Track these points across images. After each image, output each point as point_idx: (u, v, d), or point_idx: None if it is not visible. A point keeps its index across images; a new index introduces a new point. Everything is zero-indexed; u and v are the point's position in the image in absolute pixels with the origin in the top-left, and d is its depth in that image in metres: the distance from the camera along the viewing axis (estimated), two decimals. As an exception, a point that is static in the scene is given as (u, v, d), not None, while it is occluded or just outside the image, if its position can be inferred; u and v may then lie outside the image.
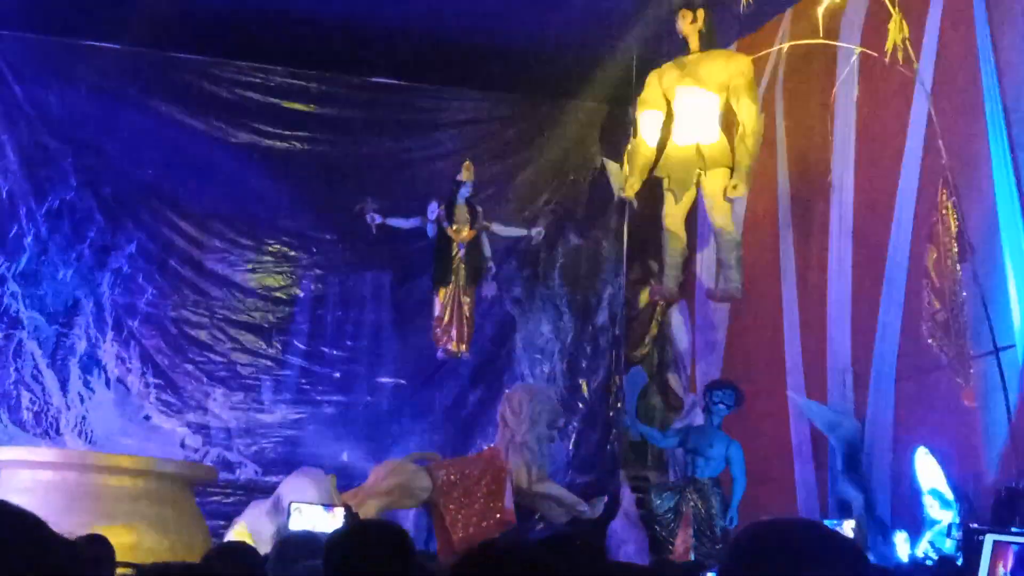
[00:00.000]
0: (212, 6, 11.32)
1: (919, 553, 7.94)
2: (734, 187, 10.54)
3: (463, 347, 11.83)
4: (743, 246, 10.78)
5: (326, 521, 8.24)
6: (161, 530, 9.12)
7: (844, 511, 8.97)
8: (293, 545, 4.18)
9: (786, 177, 11.00)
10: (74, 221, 11.89)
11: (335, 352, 12.46)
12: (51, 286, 11.79)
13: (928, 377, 8.37)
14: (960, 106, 8.38)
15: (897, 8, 8.61)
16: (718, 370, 11.43)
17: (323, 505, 8.83)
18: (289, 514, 8.56)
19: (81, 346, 11.82)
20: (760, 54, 10.79)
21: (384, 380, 12.47)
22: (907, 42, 8.56)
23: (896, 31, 8.47)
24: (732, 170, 10.56)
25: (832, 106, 10.03)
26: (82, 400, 11.75)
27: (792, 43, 10.53)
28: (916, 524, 8.14)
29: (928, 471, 8.05)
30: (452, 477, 10.79)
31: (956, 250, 7.80)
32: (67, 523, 8.13)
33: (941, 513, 7.88)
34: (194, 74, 12.38)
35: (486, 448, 11.41)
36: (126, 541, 8.17)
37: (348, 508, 8.80)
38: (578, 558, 3.06)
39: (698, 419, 10.76)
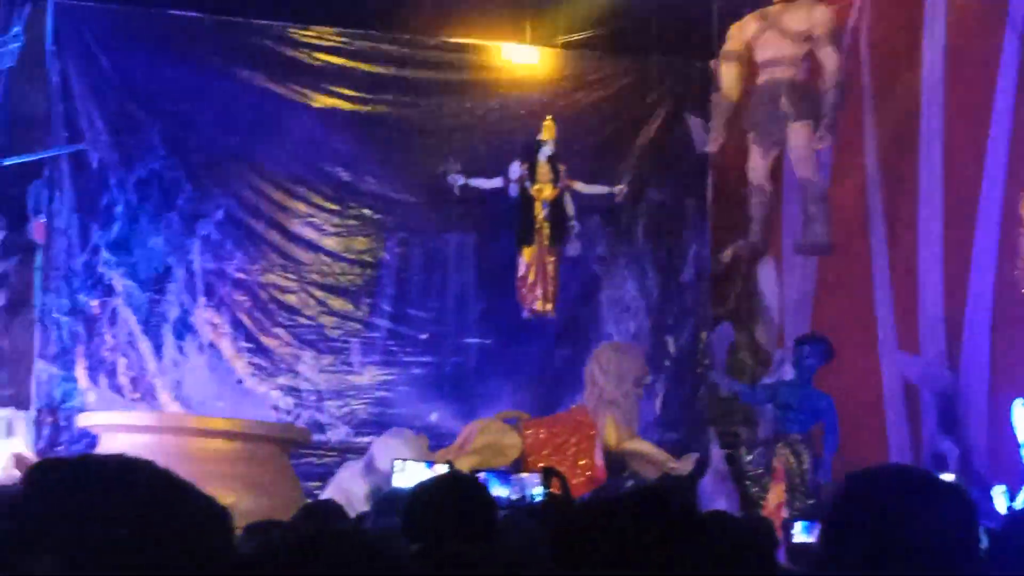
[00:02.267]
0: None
1: (1018, 506, 7.83)
2: (820, 138, 10.40)
3: (548, 306, 11.83)
4: (830, 197, 10.64)
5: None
6: (258, 492, 9.27)
7: (939, 465, 8.86)
8: (392, 502, 4.22)
9: (873, 126, 10.81)
10: (163, 189, 12.05)
11: (421, 314, 12.54)
12: (142, 253, 11.98)
13: (1024, 327, 8.22)
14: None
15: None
16: (807, 324, 11.30)
17: (425, 462, 8.86)
18: (392, 471, 8.59)
19: (174, 312, 12.01)
20: (844, 2, 10.60)
21: (470, 341, 12.53)
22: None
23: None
24: (817, 121, 10.42)
25: (919, 52, 9.85)
26: (176, 365, 11.95)
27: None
28: (1014, 477, 8.02)
29: (1026, 423, 7.92)
30: (541, 436, 10.84)
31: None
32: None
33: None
34: (275, 40, 12.45)
35: (574, 406, 11.43)
36: (223, 504, 8.33)
37: (451, 465, 8.84)
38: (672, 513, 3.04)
39: (788, 374, 10.66)
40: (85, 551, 1.20)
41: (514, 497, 7.43)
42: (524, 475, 8.55)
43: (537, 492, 7.48)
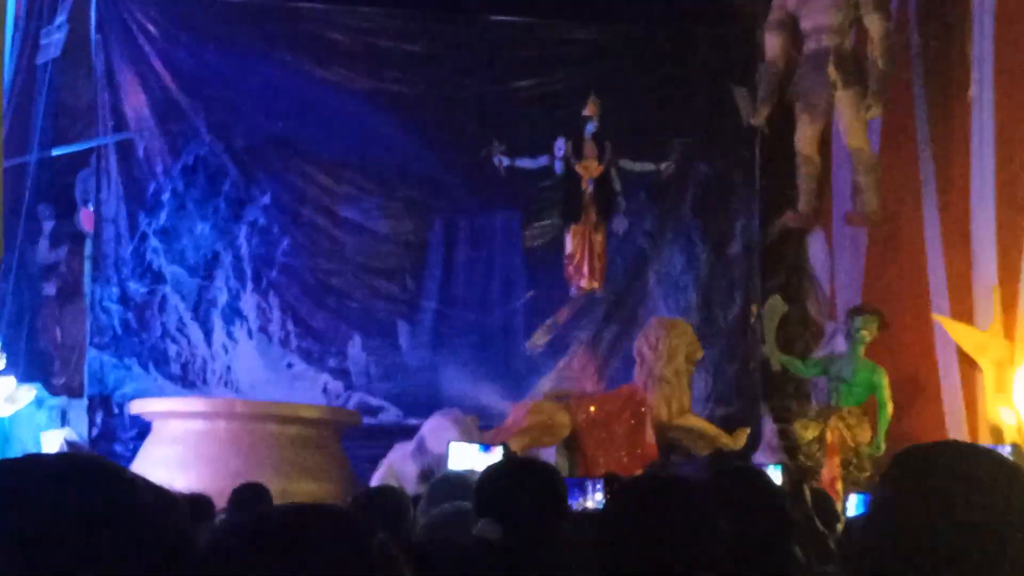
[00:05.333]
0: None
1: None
2: (868, 107, 10.25)
3: (596, 283, 11.79)
4: (880, 167, 10.49)
5: (484, 461, 8.23)
6: (310, 475, 9.32)
7: (996, 437, 8.72)
8: (447, 485, 4.19)
9: (923, 94, 10.62)
10: (209, 175, 12.11)
11: (469, 294, 12.52)
12: (190, 240, 12.06)
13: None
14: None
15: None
16: (859, 295, 11.15)
17: (480, 445, 8.83)
18: (444, 452, 8.56)
19: (222, 298, 12.09)
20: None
21: (518, 320, 12.50)
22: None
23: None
24: (865, 88, 10.26)
25: (969, 16, 9.67)
26: (226, 351, 12.03)
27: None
28: (1074, 447, 7.87)
29: (1086, 391, 7.77)
30: (592, 414, 10.79)
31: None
32: (218, 472, 8.38)
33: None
34: (316, 22, 12.44)
35: (625, 384, 11.37)
36: (277, 487, 8.36)
37: (507, 447, 8.80)
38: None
39: (840, 346, 10.54)
40: (31, 547, 1.19)
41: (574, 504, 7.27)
42: (587, 480, 8.46)
43: (599, 499, 7.35)
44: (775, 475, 9.16)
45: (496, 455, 8.54)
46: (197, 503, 4.83)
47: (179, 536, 1.28)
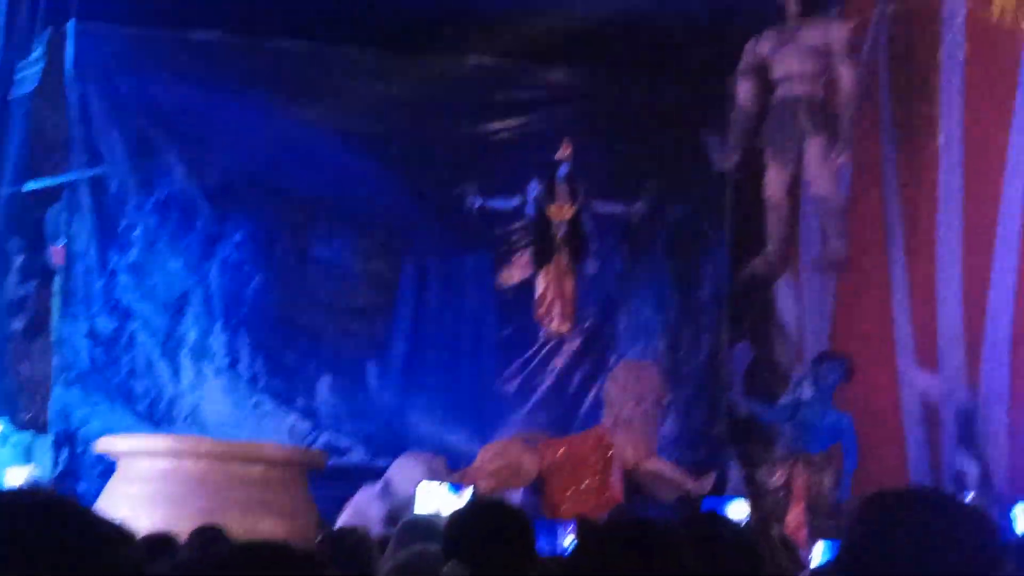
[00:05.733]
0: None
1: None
2: (837, 153, 10.36)
3: (566, 325, 11.82)
4: (848, 213, 10.59)
5: (453, 502, 8.22)
6: (276, 515, 9.25)
7: (959, 483, 8.78)
8: (416, 528, 4.20)
9: (891, 141, 10.75)
10: (181, 212, 12.11)
11: (438, 334, 12.53)
12: (161, 277, 12.03)
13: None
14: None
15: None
16: (826, 341, 11.23)
17: (452, 485, 8.81)
18: (411, 494, 8.54)
19: (192, 335, 12.05)
20: (861, 18, 10.57)
21: (488, 360, 12.51)
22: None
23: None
24: (835, 136, 10.38)
25: (937, 68, 9.80)
26: (194, 388, 11.98)
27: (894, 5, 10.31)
28: (1036, 495, 7.93)
29: (1048, 440, 7.84)
30: (559, 456, 10.80)
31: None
32: (184, 511, 8.32)
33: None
34: (292, 60, 12.48)
35: (592, 427, 11.39)
36: (242, 527, 8.31)
37: (476, 488, 8.80)
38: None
39: (807, 393, 10.60)
40: None
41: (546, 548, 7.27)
42: (556, 523, 8.46)
43: (570, 543, 7.35)
44: (741, 507, 9.22)
45: (465, 496, 8.54)
46: (158, 541, 4.81)
47: (135, 572, 1.30)
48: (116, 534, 1.29)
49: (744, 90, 11.06)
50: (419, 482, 9.09)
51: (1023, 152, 8.76)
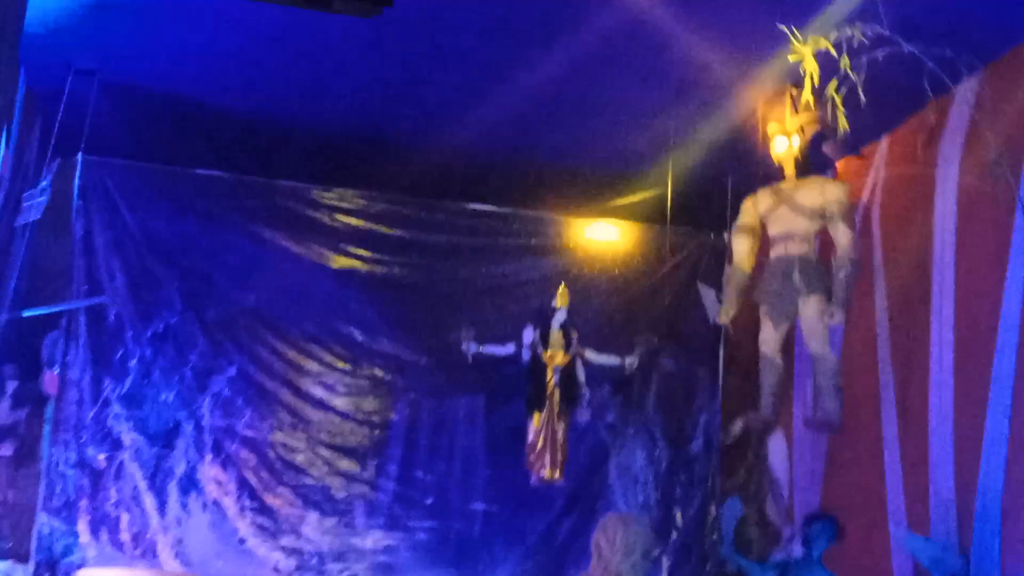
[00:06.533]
0: (314, 133, 11.66)
1: None
2: (831, 314, 10.43)
3: (557, 473, 11.77)
4: (841, 373, 10.63)
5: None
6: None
7: (950, 653, 8.66)
8: None
9: (884, 303, 10.85)
10: (178, 344, 12.16)
11: (428, 477, 12.48)
12: (153, 408, 12.03)
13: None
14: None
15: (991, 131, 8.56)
16: (817, 501, 11.18)
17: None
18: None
19: (180, 468, 12.00)
20: (855, 183, 10.76)
21: (477, 506, 12.44)
22: (1007, 168, 8.50)
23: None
24: (829, 296, 10.47)
25: (931, 231, 9.94)
26: (179, 522, 11.88)
27: (888, 168, 10.51)
28: (1026, 668, 7.83)
29: (1038, 613, 7.75)
30: (546, 607, 10.65)
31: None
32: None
33: (1052, 658, 7.57)
34: (297, 200, 12.68)
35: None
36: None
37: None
38: None
39: (797, 551, 10.51)
40: None
41: None
42: None
43: None
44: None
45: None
46: None
47: None
48: None
49: (740, 247, 11.19)
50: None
51: (1014, 317, 8.84)
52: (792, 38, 8.59)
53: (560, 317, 11.95)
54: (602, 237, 13.11)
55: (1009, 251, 8.86)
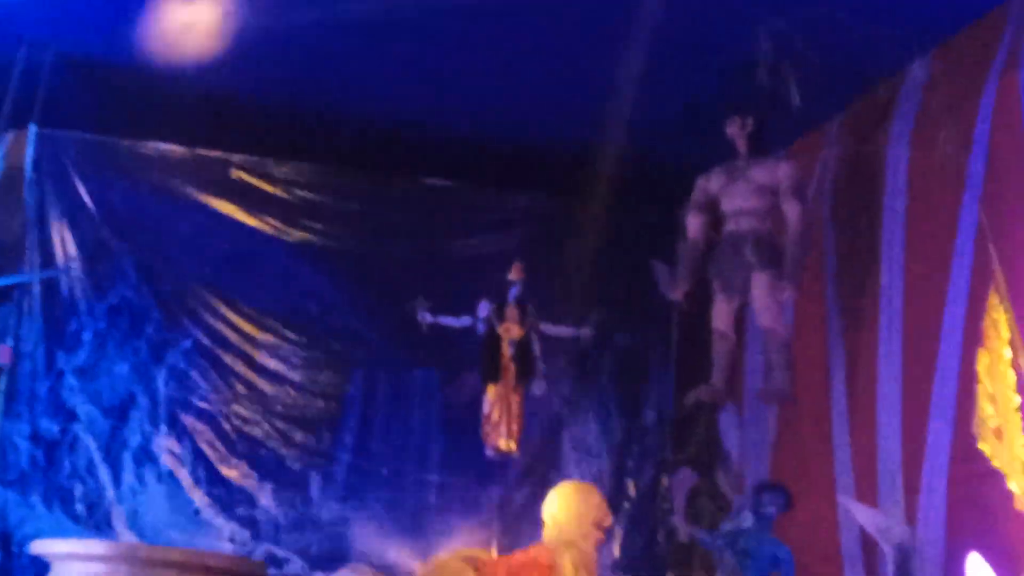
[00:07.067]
0: (269, 108, 11.65)
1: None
2: (782, 288, 10.59)
3: (512, 445, 11.87)
4: (792, 347, 10.80)
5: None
6: (211, 626, 9.15)
7: (896, 620, 8.86)
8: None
9: (834, 280, 11.03)
10: (132, 317, 12.14)
11: (383, 448, 12.55)
12: (108, 380, 12.00)
13: (981, 482, 8.31)
14: (1012, 212, 8.44)
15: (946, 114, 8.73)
16: (767, 471, 11.37)
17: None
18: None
19: (135, 440, 11.99)
20: (807, 160, 10.91)
21: (432, 477, 12.53)
22: (956, 148, 8.67)
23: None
24: (780, 271, 10.62)
25: (880, 208, 10.11)
26: (134, 494, 11.88)
27: (840, 148, 10.67)
28: (970, 633, 8.02)
29: (981, 578, 7.95)
30: (499, 574, 10.74)
31: (1008, 356, 7.80)
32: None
33: (995, 622, 7.77)
34: (252, 173, 12.67)
35: (532, 546, 11.36)
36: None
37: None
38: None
39: (747, 521, 10.68)
40: None
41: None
42: None
43: None
44: None
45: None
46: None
47: None
48: None
49: (693, 224, 11.32)
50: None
51: (960, 294, 9.03)
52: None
53: (515, 291, 12.03)
54: (556, 213, 13.19)
55: (957, 226, 9.05)
